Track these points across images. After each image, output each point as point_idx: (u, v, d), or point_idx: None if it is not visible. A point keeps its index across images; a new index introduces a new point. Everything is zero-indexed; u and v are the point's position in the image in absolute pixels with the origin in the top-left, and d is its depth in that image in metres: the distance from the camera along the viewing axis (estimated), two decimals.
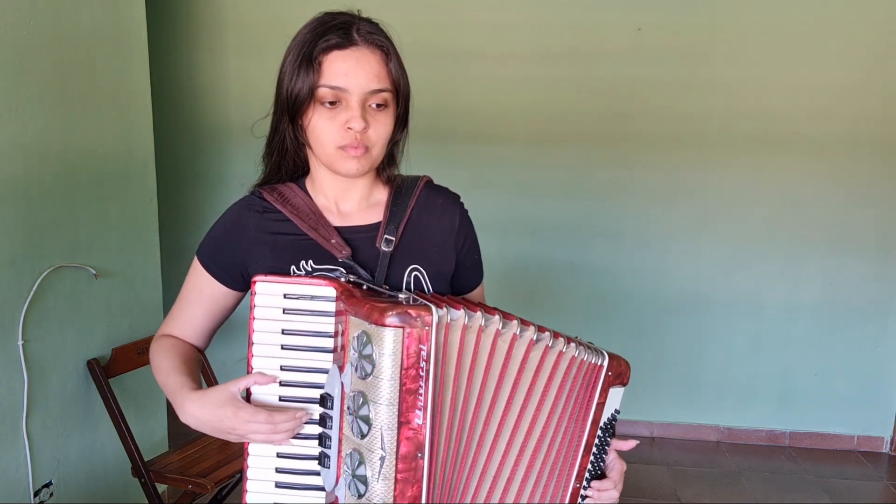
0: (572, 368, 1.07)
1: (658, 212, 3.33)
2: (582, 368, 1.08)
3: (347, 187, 1.12)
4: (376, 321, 0.89)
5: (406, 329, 0.88)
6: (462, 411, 0.96)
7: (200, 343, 1.19)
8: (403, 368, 0.89)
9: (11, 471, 1.95)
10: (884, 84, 3.13)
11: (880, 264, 3.27)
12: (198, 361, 1.16)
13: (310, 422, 0.99)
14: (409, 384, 0.89)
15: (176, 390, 1.04)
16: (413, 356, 0.89)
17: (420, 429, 0.90)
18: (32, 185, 1.97)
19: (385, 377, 0.89)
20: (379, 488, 0.90)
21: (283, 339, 1.00)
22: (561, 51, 3.23)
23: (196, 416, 0.99)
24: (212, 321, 1.18)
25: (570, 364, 1.06)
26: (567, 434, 1.09)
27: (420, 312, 0.89)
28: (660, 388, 3.45)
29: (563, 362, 1.05)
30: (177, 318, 1.18)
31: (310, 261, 1.07)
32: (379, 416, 0.90)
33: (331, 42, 1.01)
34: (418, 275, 1.11)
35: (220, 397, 0.98)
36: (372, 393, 0.90)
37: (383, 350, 0.89)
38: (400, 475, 0.90)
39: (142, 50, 2.43)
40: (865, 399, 3.37)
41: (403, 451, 0.90)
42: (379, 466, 0.90)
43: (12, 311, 1.92)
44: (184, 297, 1.17)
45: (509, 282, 3.34)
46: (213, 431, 0.99)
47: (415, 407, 0.89)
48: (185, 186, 3.50)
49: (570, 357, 1.06)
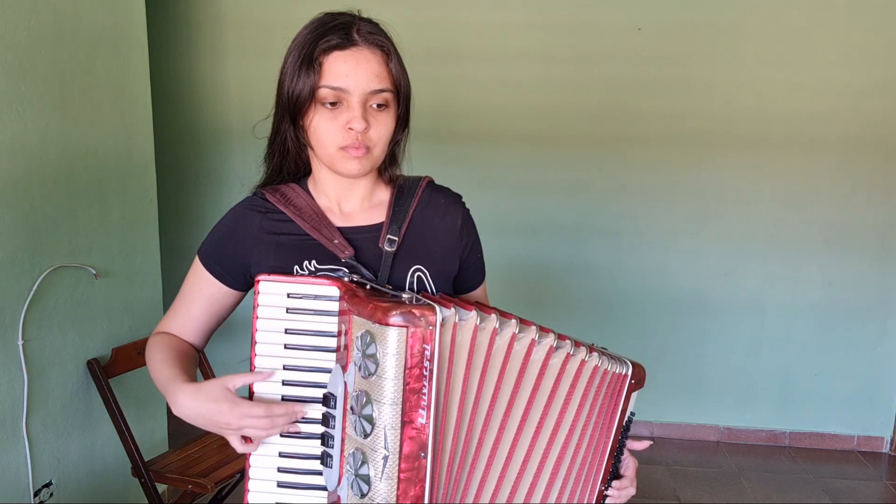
0: (595, 377, 1.09)
1: (658, 212, 3.33)
2: (606, 377, 1.11)
3: (349, 187, 1.13)
4: (380, 321, 0.89)
5: (410, 329, 0.88)
6: (473, 412, 0.96)
7: (198, 342, 1.19)
8: (407, 368, 0.89)
9: (11, 471, 1.95)
10: (884, 84, 3.13)
11: (880, 264, 3.27)
12: (193, 357, 1.15)
13: (312, 421, 0.99)
14: (412, 384, 0.89)
15: (168, 382, 1.04)
16: (417, 356, 0.89)
17: (423, 428, 0.90)
18: (33, 185, 1.97)
19: (389, 377, 0.89)
20: (382, 488, 0.90)
21: (287, 338, 1.00)
22: (561, 51, 3.23)
23: (188, 407, 0.98)
24: (210, 320, 1.17)
25: (594, 373, 1.09)
26: (593, 440, 1.13)
27: (424, 312, 0.89)
28: (660, 388, 3.45)
29: (585, 371, 1.07)
30: (175, 317, 1.17)
31: (313, 261, 1.07)
32: (382, 415, 0.90)
33: (331, 42, 1.01)
34: (421, 275, 1.11)
35: (216, 391, 0.97)
36: (375, 392, 0.90)
37: (387, 349, 0.89)
38: (403, 475, 0.90)
39: (142, 50, 2.43)
40: (865, 399, 3.38)
41: (407, 451, 0.90)
42: (382, 466, 0.90)
43: (12, 311, 1.92)
44: (183, 296, 1.17)
45: (509, 282, 3.34)
46: (206, 425, 0.99)
47: (418, 406, 0.89)
48: (185, 187, 3.50)
49: (592, 366, 1.08)
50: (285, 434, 1.00)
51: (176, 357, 1.10)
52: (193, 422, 0.99)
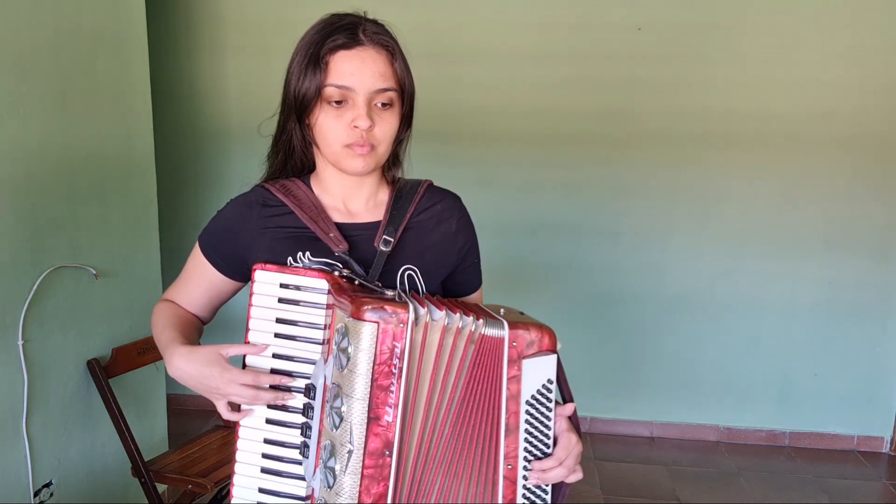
0: (469, 346, 0.96)
1: (658, 211, 3.33)
2: (482, 344, 0.97)
3: (356, 186, 1.14)
4: (354, 315, 0.90)
5: (381, 325, 0.89)
6: (436, 411, 0.95)
7: (202, 315, 1.23)
8: (376, 364, 0.89)
9: (11, 471, 1.95)
10: (884, 83, 3.14)
11: (880, 264, 3.27)
12: (195, 325, 1.19)
13: (296, 410, 1.01)
14: (381, 380, 0.89)
15: (166, 344, 1.08)
16: (386, 352, 0.89)
17: (389, 426, 0.90)
18: (33, 185, 1.97)
19: (359, 371, 0.90)
20: (346, 482, 0.91)
21: (278, 327, 1.02)
22: (561, 51, 3.23)
23: (182, 368, 1.02)
24: (211, 301, 1.21)
25: (468, 342, 0.96)
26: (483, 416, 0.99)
27: (396, 309, 0.89)
28: (659, 387, 3.46)
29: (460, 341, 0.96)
30: (178, 292, 1.22)
31: (307, 252, 1.09)
32: (351, 410, 0.90)
33: (337, 42, 1.03)
34: (412, 274, 1.12)
35: (208, 356, 1.01)
36: (347, 386, 0.91)
37: (359, 344, 0.90)
38: (367, 471, 0.90)
39: (142, 50, 2.43)
40: (865, 399, 3.38)
41: (371, 447, 0.90)
42: (346, 460, 0.90)
43: (12, 311, 1.92)
44: (185, 275, 1.21)
45: (509, 282, 3.35)
46: (198, 387, 1.02)
47: (385, 404, 0.90)
48: (186, 187, 3.50)
49: (466, 334, 0.96)
50: (272, 406, 1.02)
51: (178, 322, 1.14)
52: (185, 383, 1.03)
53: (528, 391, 1.00)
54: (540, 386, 1.01)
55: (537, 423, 1.02)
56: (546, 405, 1.02)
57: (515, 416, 0.99)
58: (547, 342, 1.00)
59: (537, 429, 1.02)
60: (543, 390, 1.02)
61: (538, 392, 1.01)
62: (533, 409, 1.01)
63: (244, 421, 1.04)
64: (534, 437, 1.02)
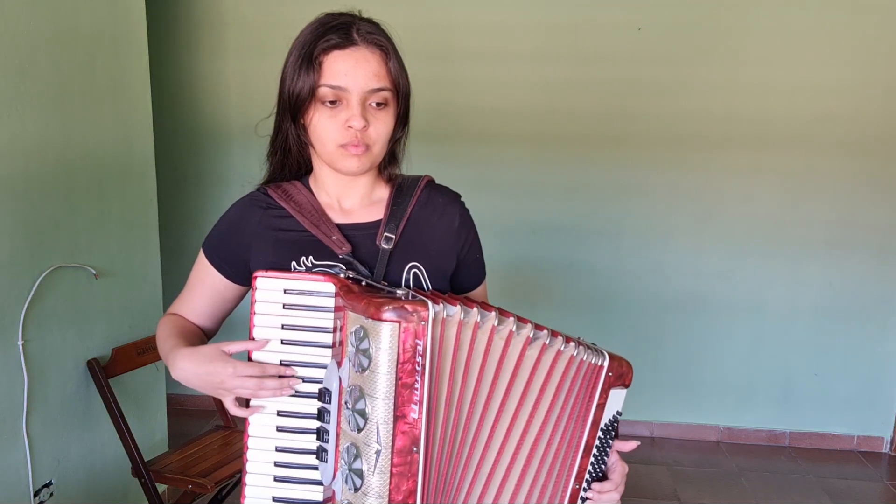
0: (571, 368, 1.06)
1: (658, 212, 3.33)
2: (581, 368, 1.08)
3: (349, 185, 1.14)
4: (373, 316, 0.90)
5: (402, 324, 0.89)
6: (458, 407, 0.96)
7: (207, 326, 1.22)
8: (399, 363, 0.89)
9: (11, 471, 1.95)
10: (884, 84, 3.13)
11: (880, 265, 3.27)
12: (198, 335, 1.19)
13: (308, 416, 1.01)
14: (405, 378, 0.89)
15: (169, 351, 1.08)
16: (409, 351, 0.89)
17: (416, 423, 0.90)
18: (32, 185, 1.97)
19: (381, 371, 0.90)
20: (375, 482, 0.91)
21: (283, 333, 1.01)
22: (561, 51, 3.23)
23: (185, 368, 1.02)
24: (215, 310, 1.21)
25: (570, 363, 1.06)
26: (566, 434, 1.09)
27: (416, 307, 0.89)
28: (660, 388, 3.45)
29: (560, 361, 1.05)
30: (183, 304, 1.21)
31: (310, 257, 1.09)
32: (375, 410, 0.90)
33: (331, 42, 1.03)
34: (417, 272, 1.11)
35: (212, 353, 1.01)
36: (369, 387, 0.91)
37: (380, 344, 0.89)
38: (395, 469, 0.90)
39: (142, 50, 2.43)
40: (865, 399, 3.37)
41: (399, 445, 0.90)
42: (375, 460, 0.90)
43: (12, 311, 1.92)
44: (190, 285, 1.21)
45: (510, 282, 3.35)
46: (203, 386, 1.02)
47: (411, 401, 0.90)
48: (185, 186, 3.49)
49: (568, 356, 1.05)
50: (282, 413, 1.01)
51: (181, 332, 1.14)
52: (190, 383, 1.03)
53: (606, 418, 1.13)
54: (613, 414, 1.14)
55: (604, 447, 1.14)
56: (612, 434, 1.15)
57: (592, 439, 1.12)
58: (629, 378, 1.13)
59: (603, 452, 1.14)
60: (614, 420, 1.15)
61: (610, 420, 1.14)
62: (605, 435, 1.13)
63: (253, 431, 1.02)
64: (598, 460, 1.14)
